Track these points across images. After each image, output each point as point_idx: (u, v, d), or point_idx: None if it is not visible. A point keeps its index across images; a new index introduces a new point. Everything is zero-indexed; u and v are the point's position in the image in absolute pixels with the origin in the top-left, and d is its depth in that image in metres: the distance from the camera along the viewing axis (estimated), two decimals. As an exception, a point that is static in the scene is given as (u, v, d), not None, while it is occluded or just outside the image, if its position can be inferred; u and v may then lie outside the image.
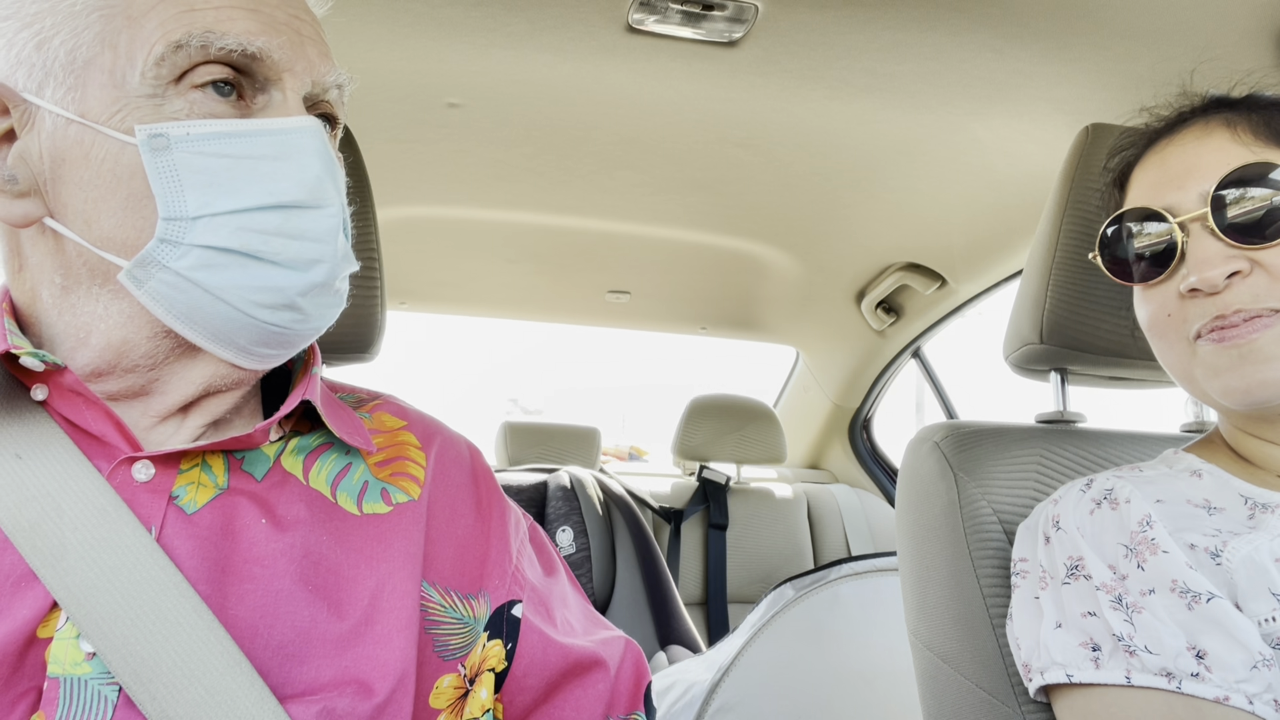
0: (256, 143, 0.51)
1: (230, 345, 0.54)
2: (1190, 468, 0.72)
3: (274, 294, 0.52)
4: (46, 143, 0.51)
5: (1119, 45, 1.08)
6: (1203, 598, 0.60)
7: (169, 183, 0.50)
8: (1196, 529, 0.65)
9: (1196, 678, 0.58)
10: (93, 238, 0.51)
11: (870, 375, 2.49)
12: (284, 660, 0.52)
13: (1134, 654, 0.60)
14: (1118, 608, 0.63)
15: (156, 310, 0.52)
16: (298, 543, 0.55)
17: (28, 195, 0.52)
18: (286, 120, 0.53)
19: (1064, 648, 0.64)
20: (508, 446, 2.54)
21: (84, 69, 0.50)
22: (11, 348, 0.51)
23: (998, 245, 1.70)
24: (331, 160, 0.55)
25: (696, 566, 2.32)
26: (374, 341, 0.87)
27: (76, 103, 0.50)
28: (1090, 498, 0.70)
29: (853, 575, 1.34)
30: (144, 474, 0.53)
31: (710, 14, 1.08)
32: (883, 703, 1.23)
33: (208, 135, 0.50)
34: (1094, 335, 0.84)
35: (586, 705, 0.65)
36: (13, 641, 0.48)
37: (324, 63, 0.56)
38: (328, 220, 0.53)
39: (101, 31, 0.50)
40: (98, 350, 0.53)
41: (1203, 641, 0.59)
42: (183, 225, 0.50)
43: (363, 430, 0.64)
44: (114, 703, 0.49)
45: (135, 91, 0.50)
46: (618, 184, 1.67)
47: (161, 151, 0.49)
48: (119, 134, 0.50)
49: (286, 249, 0.52)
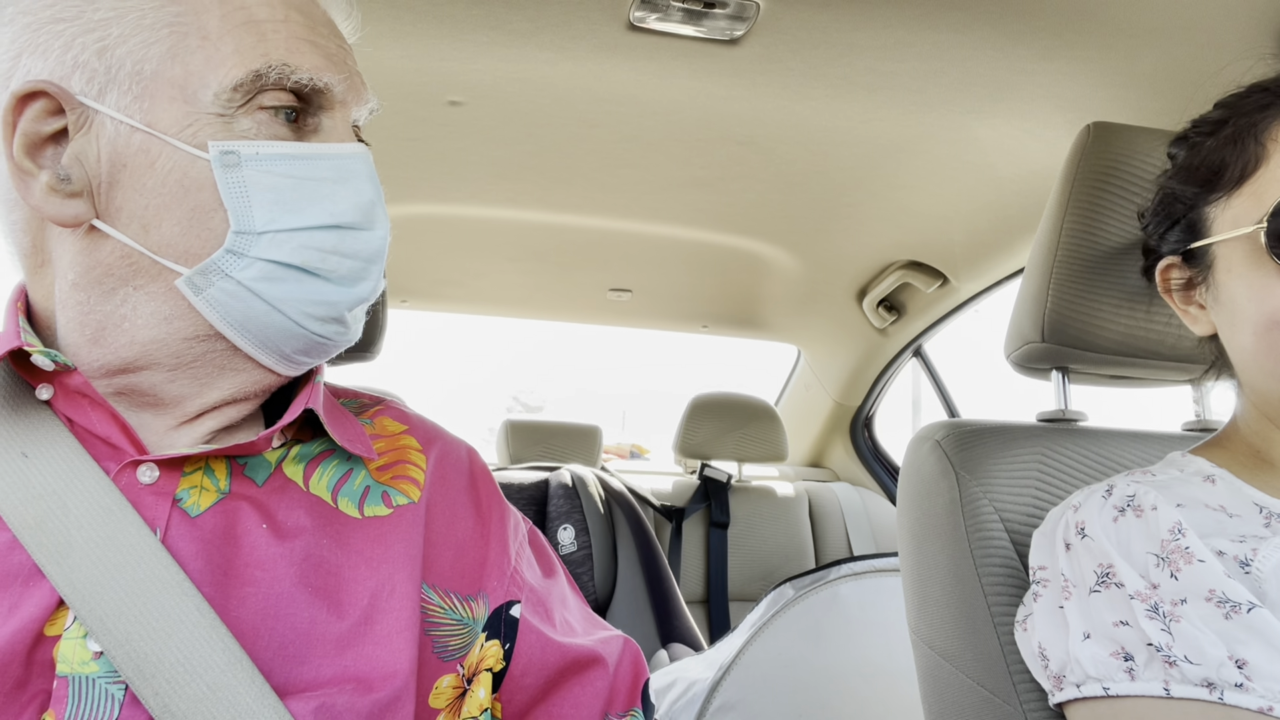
0: (317, 165, 0.55)
1: (275, 353, 0.56)
2: (1201, 472, 0.69)
3: (326, 308, 0.55)
4: (106, 148, 0.52)
5: (1121, 43, 1.08)
6: (1243, 608, 0.58)
7: (239, 198, 0.52)
8: (1222, 535, 0.63)
9: (1240, 688, 0.56)
10: (150, 243, 0.53)
11: (872, 373, 2.49)
12: (285, 660, 0.53)
13: (1174, 664, 0.58)
14: (1154, 616, 0.60)
15: (211, 316, 0.54)
16: (298, 547, 0.56)
17: (79, 196, 0.53)
18: (344, 146, 0.56)
19: (1095, 660, 0.62)
20: (509, 444, 2.55)
21: (152, 80, 0.52)
22: (25, 345, 0.52)
23: (999, 243, 1.70)
24: (379, 185, 0.58)
25: (698, 564, 2.32)
26: (375, 340, 0.87)
27: (143, 112, 0.52)
28: (1113, 505, 0.67)
29: (852, 575, 1.35)
30: (148, 476, 0.54)
31: (712, 12, 1.08)
32: (882, 701, 1.24)
33: (275, 156, 0.53)
34: (1096, 334, 0.84)
35: (585, 702, 0.65)
36: (21, 639, 0.48)
37: (366, 92, 0.61)
38: (378, 241, 0.57)
39: (172, 47, 0.52)
40: (114, 348, 0.54)
41: (1242, 651, 0.57)
42: (249, 239, 0.53)
43: (364, 438, 0.64)
44: (120, 701, 0.49)
45: (206, 109, 0.52)
46: (619, 182, 1.67)
47: (233, 168, 0.52)
48: (190, 148, 0.52)
49: (341, 266, 0.55)
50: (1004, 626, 0.77)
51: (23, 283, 0.59)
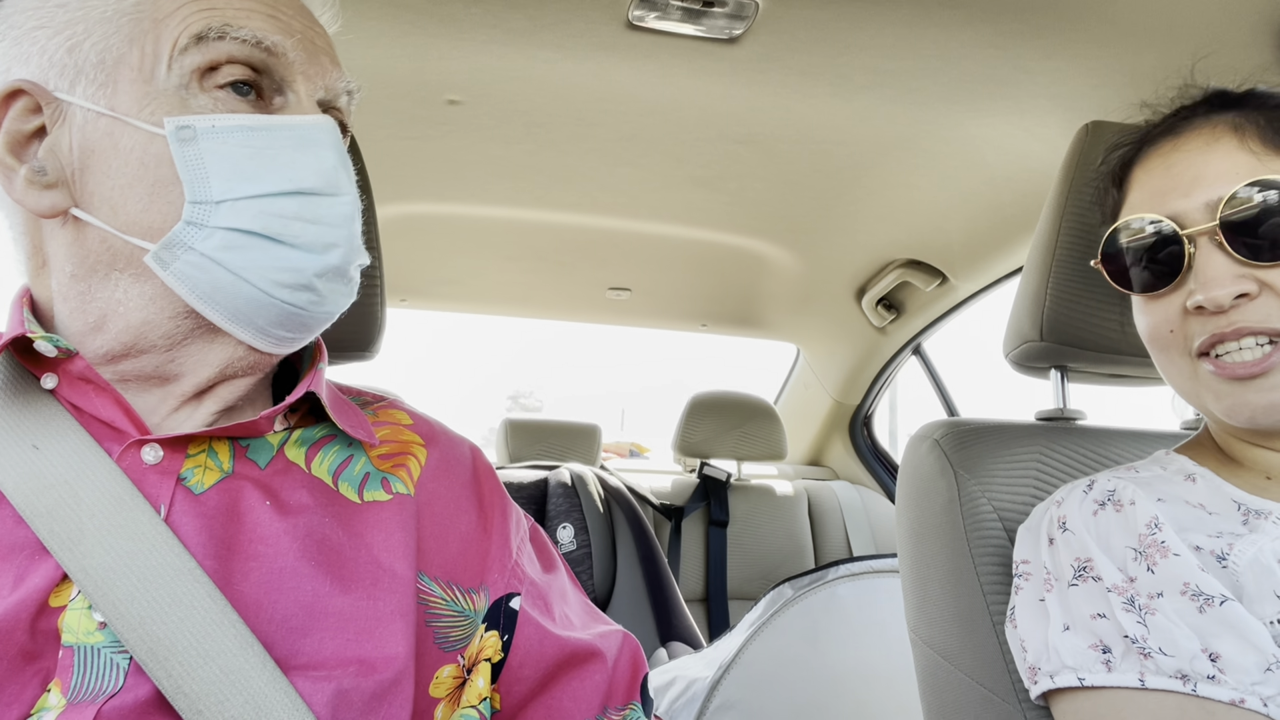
0: (276, 135, 0.55)
1: (249, 326, 0.56)
2: (1183, 470, 0.71)
3: (292, 274, 0.55)
4: (76, 136, 0.54)
5: (1120, 42, 1.08)
6: (1215, 600, 0.59)
7: (195, 170, 0.53)
8: (1199, 530, 0.64)
9: (1212, 680, 0.57)
10: (119, 223, 0.54)
11: (871, 372, 2.49)
12: (288, 633, 0.54)
13: (1148, 656, 0.59)
14: (1130, 609, 0.61)
15: (180, 290, 0.54)
16: (301, 524, 0.57)
17: (55, 187, 0.55)
18: (304, 117, 0.57)
19: (1073, 650, 0.63)
20: (509, 443, 2.55)
21: (114, 67, 0.54)
22: (27, 332, 0.54)
23: (998, 242, 1.70)
24: (344, 153, 0.59)
25: (697, 563, 2.32)
26: (375, 339, 0.87)
27: (107, 98, 0.54)
28: (1093, 499, 0.69)
29: (850, 576, 1.35)
30: (152, 456, 0.55)
31: (711, 10, 1.08)
32: (879, 701, 1.24)
33: (231, 128, 0.54)
34: (1094, 333, 0.84)
35: (584, 696, 0.65)
36: (26, 608, 0.49)
37: (335, 70, 0.61)
38: (342, 207, 0.57)
39: (131, 33, 0.54)
40: (115, 334, 0.56)
41: (1215, 644, 0.58)
42: (207, 209, 0.53)
43: (365, 424, 0.66)
44: (125, 670, 0.50)
45: (163, 87, 0.54)
46: (618, 181, 1.67)
47: (188, 142, 0.53)
48: (148, 125, 0.53)
49: (305, 232, 0.55)
50: (1002, 625, 0.78)
51: (27, 284, 0.60)
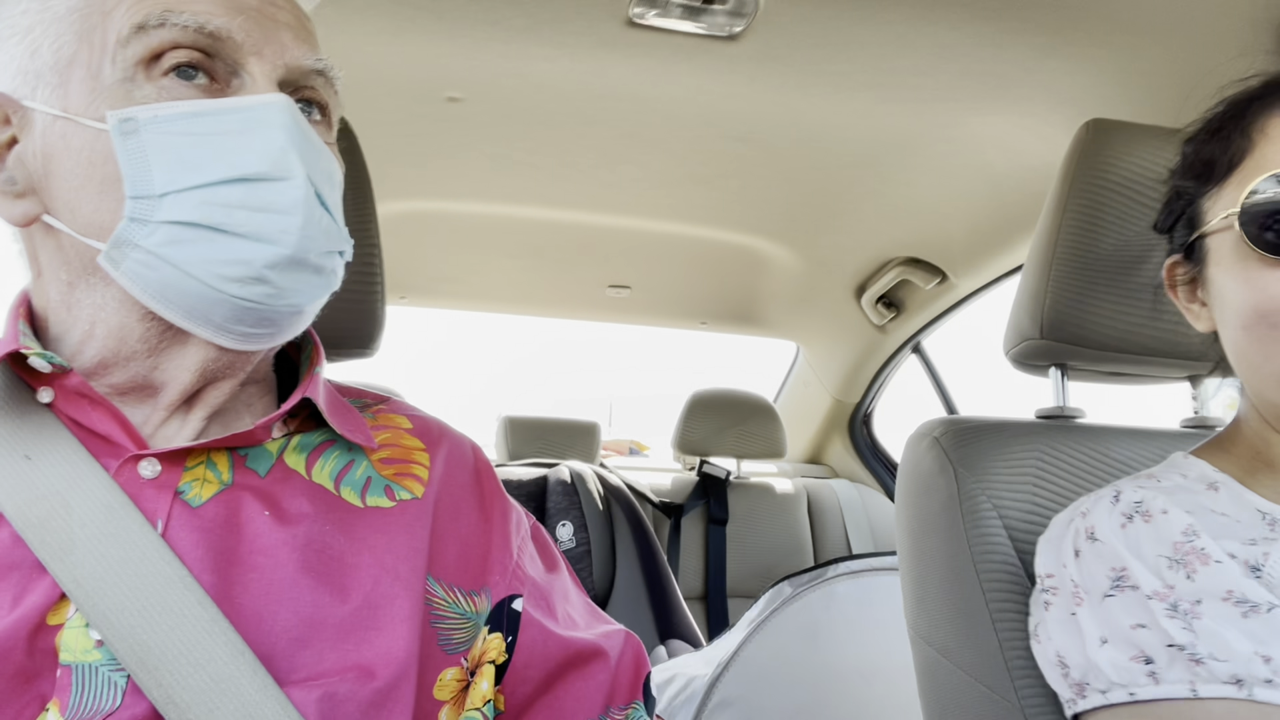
0: (222, 120, 0.52)
1: (207, 323, 0.54)
2: (1204, 478, 0.68)
3: (240, 267, 0.52)
4: (39, 141, 0.54)
5: (1120, 39, 1.08)
6: (1263, 607, 0.57)
7: (137, 163, 0.51)
8: (1232, 537, 0.62)
9: (1270, 684, 0.55)
10: (78, 225, 0.53)
11: (870, 370, 2.49)
12: (288, 645, 0.53)
13: (1200, 662, 0.57)
14: (1174, 615, 0.59)
15: (134, 290, 0.53)
16: (300, 534, 0.56)
17: (25, 196, 0.54)
18: (253, 98, 0.53)
19: (1115, 665, 0.61)
20: (508, 441, 2.55)
21: (67, 67, 0.53)
22: (21, 347, 0.53)
23: (998, 240, 1.70)
24: (300, 135, 0.54)
25: (696, 561, 2.32)
26: (374, 337, 0.87)
27: (60, 99, 0.53)
28: (1120, 511, 0.66)
29: (849, 574, 1.35)
30: (150, 471, 0.54)
31: (711, 8, 1.08)
32: (878, 699, 1.24)
33: (174, 116, 0.52)
34: (1094, 331, 0.84)
35: (587, 695, 0.65)
36: (23, 627, 0.49)
37: (299, 47, 0.57)
38: (293, 192, 0.53)
39: (80, 29, 0.53)
40: (101, 341, 0.55)
41: (1266, 649, 0.56)
42: (150, 203, 0.51)
43: (365, 428, 0.65)
44: (123, 689, 0.50)
45: (108, 81, 0.52)
46: (618, 178, 1.67)
47: (130, 135, 0.51)
48: (93, 122, 0.52)
49: (250, 221, 0.52)
50: (1002, 623, 0.78)
51: (26, 289, 0.60)
